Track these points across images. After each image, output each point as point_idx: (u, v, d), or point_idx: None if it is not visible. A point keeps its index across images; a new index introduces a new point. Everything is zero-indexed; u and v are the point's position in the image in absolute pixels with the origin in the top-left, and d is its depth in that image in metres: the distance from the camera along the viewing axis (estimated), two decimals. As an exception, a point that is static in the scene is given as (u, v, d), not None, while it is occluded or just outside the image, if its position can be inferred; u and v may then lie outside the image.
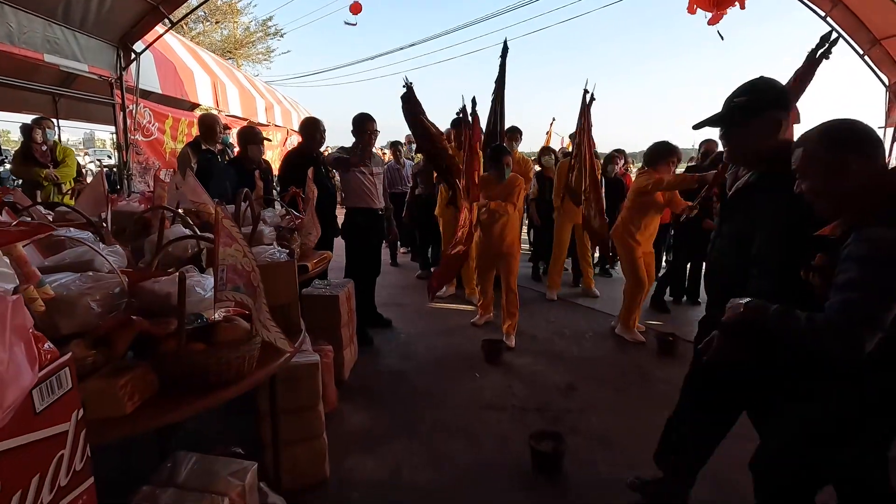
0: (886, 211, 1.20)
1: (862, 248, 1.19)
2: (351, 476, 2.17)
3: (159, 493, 1.20)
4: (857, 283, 1.18)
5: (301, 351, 2.16)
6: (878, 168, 1.25)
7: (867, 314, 1.17)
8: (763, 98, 1.52)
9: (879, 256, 1.17)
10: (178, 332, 1.19)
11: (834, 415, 1.38)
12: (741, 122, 1.54)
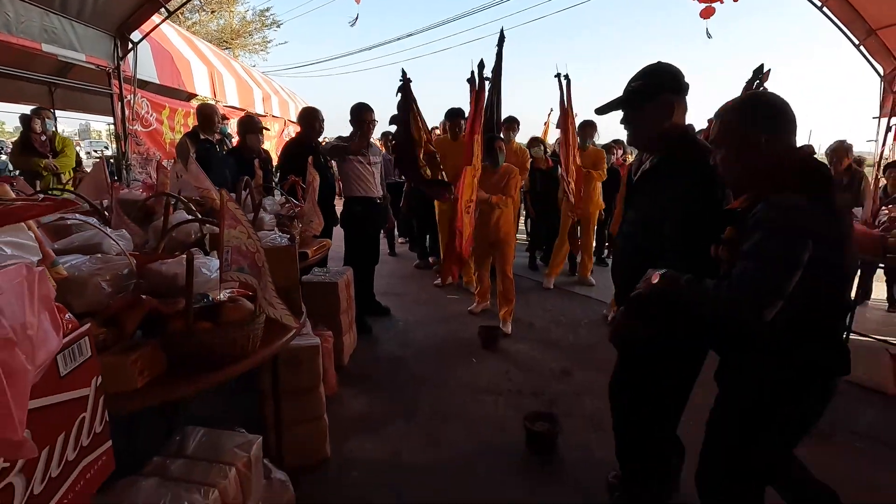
0: (794, 182, 1.22)
1: (767, 215, 1.20)
2: (351, 456, 2.23)
3: (169, 463, 1.26)
4: (761, 251, 1.19)
5: (302, 334, 2.22)
6: (789, 144, 1.28)
7: (769, 282, 1.18)
8: (657, 82, 1.55)
9: (783, 222, 1.18)
10: (186, 311, 1.24)
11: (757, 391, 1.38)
12: (637, 105, 1.57)
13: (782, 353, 1.30)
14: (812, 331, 1.28)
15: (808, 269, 1.18)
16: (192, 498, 1.14)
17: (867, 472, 2.20)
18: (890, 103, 6.02)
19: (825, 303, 1.27)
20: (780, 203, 1.19)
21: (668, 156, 1.56)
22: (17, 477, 0.66)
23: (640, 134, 1.62)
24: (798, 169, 1.24)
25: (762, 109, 1.29)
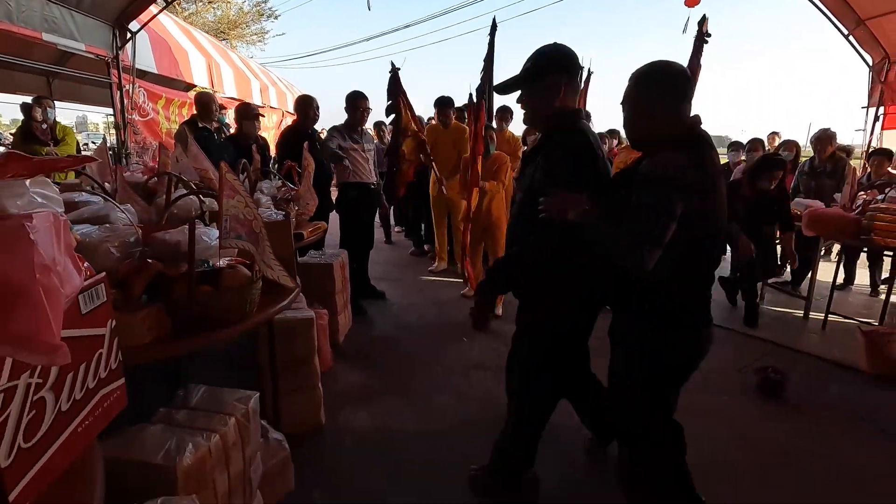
0: (677, 144, 1.34)
1: (648, 170, 1.32)
2: (345, 425, 2.36)
3: (174, 413, 1.38)
4: (641, 201, 1.31)
5: (297, 308, 2.34)
6: (680, 112, 1.39)
7: (648, 229, 1.29)
8: (545, 63, 1.62)
9: (661, 175, 1.29)
10: (189, 275, 1.36)
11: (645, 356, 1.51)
12: (528, 85, 1.65)
13: (659, 307, 1.43)
14: (684, 286, 1.41)
15: (682, 223, 1.30)
16: (196, 440, 1.26)
17: (829, 439, 2.33)
18: (878, 93, 6.12)
19: (697, 259, 1.39)
20: (661, 159, 1.31)
21: (549, 134, 1.66)
22: (48, 393, 0.78)
23: (531, 113, 1.70)
24: (684, 134, 1.37)
25: (661, 80, 1.41)
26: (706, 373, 2.91)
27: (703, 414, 2.50)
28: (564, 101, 1.62)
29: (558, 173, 1.53)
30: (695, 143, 1.36)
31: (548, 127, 1.67)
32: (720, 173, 1.40)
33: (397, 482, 1.98)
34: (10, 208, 0.71)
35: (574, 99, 1.66)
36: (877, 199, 3.19)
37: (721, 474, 2.04)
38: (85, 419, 0.87)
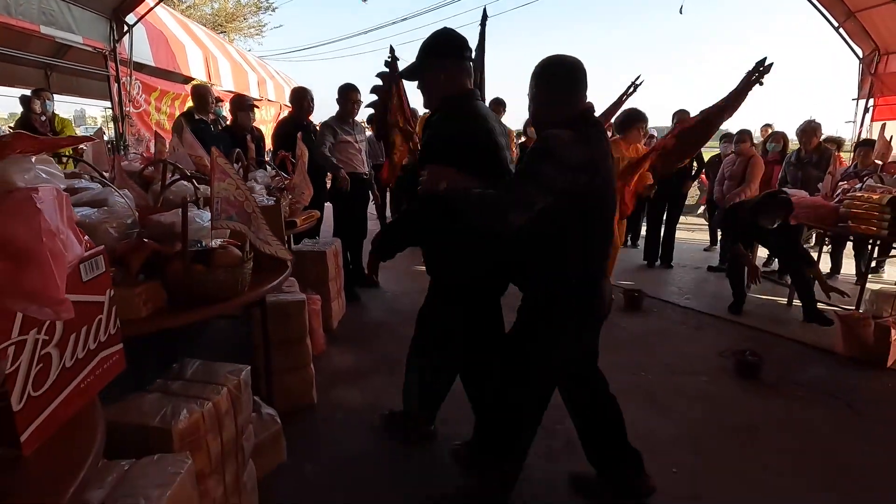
0: (567, 123, 1.45)
1: (535, 144, 1.43)
2: (336, 402, 2.46)
3: (170, 384, 1.47)
4: (521, 168, 1.42)
5: (290, 291, 2.44)
6: (573, 99, 1.50)
7: (519, 192, 1.38)
8: (426, 52, 1.75)
9: (543, 148, 1.39)
10: (183, 253, 1.45)
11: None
12: (418, 72, 1.78)
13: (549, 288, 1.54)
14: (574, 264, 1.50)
15: (571, 201, 1.40)
16: (190, 406, 1.35)
17: (798, 414, 2.44)
18: (868, 85, 6.19)
19: (587, 237, 1.48)
20: (545, 135, 1.42)
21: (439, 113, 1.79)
22: (54, 349, 0.87)
23: (425, 97, 1.83)
24: (574, 117, 1.48)
25: (555, 72, 1.53)
26: (689, 356, 3.04)
27: (682, 394, 2.61)
28: (453, 83, 1.74)
29: (433, 150, 1.70)
30: (583, 125, 1.46)
31: (438, 109, 1.81)
32: (606, 156, 1.49)
33: (386, 454, 2.08)
34: (18, 182, 0.80)
35: (466, 79, 1.75)
36: (855, 188, 3.27)
37: (693, 447, 2.15)
38: (87, 377, 0.96)
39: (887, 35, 5.76)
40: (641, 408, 2.45)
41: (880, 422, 2.38)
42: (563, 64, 1.53)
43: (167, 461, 1.14)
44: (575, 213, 1.44)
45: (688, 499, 1.84)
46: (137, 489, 1.03)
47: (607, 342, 3.20)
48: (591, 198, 1.44)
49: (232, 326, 3.15)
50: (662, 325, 3.61)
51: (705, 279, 4.82)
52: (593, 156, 1.41)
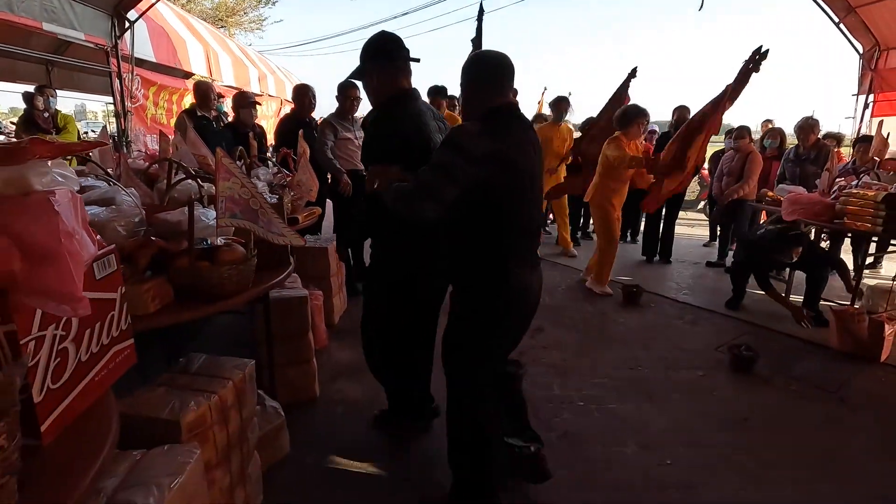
0: (482, 117, 1.53)
1: (445, 137, 1.52)
2: (338, 396, 2.51)
3: (177, 377, 1.52)
4: (431, 163, 1.47)
5: (293, 287, 2.48)
6: (494, 93, 1.55)
7: (429, 183, 1.44)
8: (362, 56, 1.86)
9: (450, 141, 1.47)
10: (189, 250, 1.49)
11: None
12: (359, 74, 1.90)
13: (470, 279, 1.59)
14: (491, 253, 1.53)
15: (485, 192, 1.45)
16: (197, 399, 1.40)
17: (789, 407, 2.49)
18: (868, 81, 6.19)
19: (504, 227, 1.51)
20: (456, 128, 1.50)
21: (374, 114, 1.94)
22: (70, 344, 0.91)
23: (370, 98, 1.94)
24: (491, 111, 1.53)
25: (479, 68, 1.60)
26: (685, 351, 3.09)
27: (678, 388, 2.66)
28: (389, 84, 1.84)
29: (370, 150, 1.90)
30: (499, 118, 1.52)
31: (375, 109, 1.94)
32: (522, 148, 1.52)
33: (387, 446, 2.13)
34: (36, 185, 0.84)
35: (401, 79, 1.86)
36: (851, 184, 3.30)
37: (687, 439, 2.20)
38: (101, 370, 1.01)
39: (887, 31, 5.76)
40: (637, 402, 2.49)
41: (871, 415, 2.42)
42: (484, 60, 1.61)
43: (177, 451, 1.18)
44: (487, 204, 1.49)
45: (681, 489, 1.89)
46: (149, 478, 1.08)
47: (605, 337, 3.29)
48: (500, 188, 1.47)
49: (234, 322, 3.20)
50: (660, 319, 3.65)
51: (703, 275, 4.85)
52: (501, 148, 1.45)
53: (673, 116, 5.07)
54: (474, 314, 1.61)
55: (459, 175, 1.42)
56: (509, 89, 1.58)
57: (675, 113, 5.01)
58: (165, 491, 1.06)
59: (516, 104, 1.61)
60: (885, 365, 2.92)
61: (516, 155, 1.49)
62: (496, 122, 1.50)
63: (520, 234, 1.56)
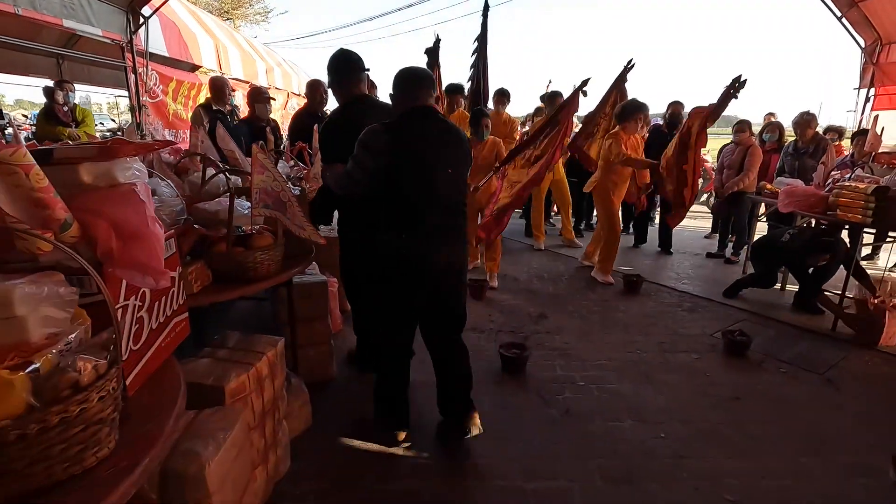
0: (389, 119, 1.90)
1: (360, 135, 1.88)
2: (352, 375, 2.68)
3: (216, 351, 1.68)
4: (351, 156, 1.90)
5: (313, 273, 2.64)
6: (408, 100, 1.91)
7: (350, 174, 1.92)
8: (328, 68, 2.36)
9: (361, 139, 1.85)
10: (227, 237, 1.65)
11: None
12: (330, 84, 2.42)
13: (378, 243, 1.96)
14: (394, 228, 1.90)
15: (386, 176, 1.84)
16: (237, 370, 1.56)
17: (778, 386, 2.65)
18: (870, 74, 6.26)
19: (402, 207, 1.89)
20: (366, 129, 1.87)
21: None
22: (145, 313, 1.07)
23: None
24: (404, 114, 1.89)
25: (397, 80, 1.96)
26: (682, 336, 3.25)
27: (674, 370, 2.82)
28: (342, 93, 2.37)
29: (321, 148, 2.42)
30: (408, 119, 1.88)
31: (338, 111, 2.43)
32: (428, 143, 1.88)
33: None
34: (120, 178, 1.00)
35: (353, 89, 2.36)
36: (845, 177, 3.42)
37: (681, 416, 2.36)
38: (166, 337, 1.17)
39: (889, 25, 5.82)
40: (635, 382, 2.65)
41: (856, 395, 2.57)
42: (401, 74, 1.97)
43: (226, 411, 1.36)
44: (390, 184, 1.86)
45: (671, 458, 2.05)
46: (206, 431, 1.25)
47: (606, 323, 3.44)
48: (399, 173, 1.84)
49: (253, 308, 3.38)
50: (659, 307, 3.80)
51: (703, 265, 4.99)
52: (398, 142, 1.83)
53: (667, 111, 5.18)
54: (375, 273, 2.02)
55: (366, 164, 1.86)
56: (425, 96, 1.93)
57: (669, 108, 5.12)
58: (221, 442, 1.23)
59: (431, 107, 1.95)
60: (875, 350, 3.06)
61: (418, 147, 1.86)
62: (404, 121, 1.88)
63: (420, 209, 1.90)
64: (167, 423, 0.94)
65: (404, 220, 1.90)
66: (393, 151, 1.81)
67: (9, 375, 0.68)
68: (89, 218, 0.89)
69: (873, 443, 2.17)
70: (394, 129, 1.85)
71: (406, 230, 1.90)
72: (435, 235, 1.93)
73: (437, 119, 1.94)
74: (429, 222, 1.91)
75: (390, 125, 1.85)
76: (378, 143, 1.81)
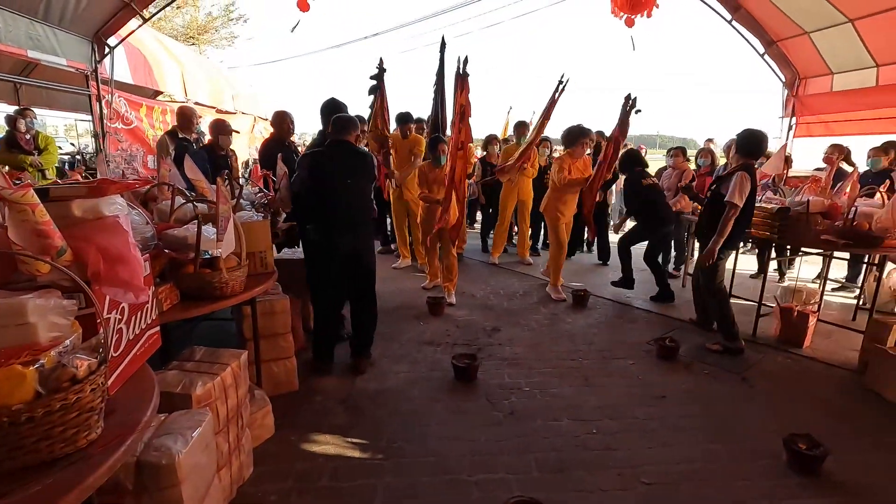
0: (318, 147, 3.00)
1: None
2: (316, 387, 2.85)
3: (184, 363, 1.85)
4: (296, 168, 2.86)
5: (275, 293, 2.82)
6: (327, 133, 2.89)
7: (295, 183, 2.89)
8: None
9: (298, 159, 2.88)
10: (195, 260, 1.84)
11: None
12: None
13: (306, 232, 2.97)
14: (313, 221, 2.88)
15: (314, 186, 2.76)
16: (204, 378, 1.73)
17: (700, 385, 2.97)
18: (791, 105, 6.94)
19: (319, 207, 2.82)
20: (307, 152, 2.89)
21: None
22: (124, 326, 1.26)
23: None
24: (326, 143, 2.86)
25: (333, 122, 2.84)
26: (621, 344, 3.55)
27: (612, 374, 3.11)
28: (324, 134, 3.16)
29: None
30: (325, 148, 2.86)
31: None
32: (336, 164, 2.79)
33: (357, 422, 2.49)
34: (106, 212, 1.20)
35: (327, 131, 2.98)
36: (758, 199, 3.86)
37: (612, 413, 2.63)
38: (141, 347, 1.36)
39: (804, 62, 6.50)
40: (575, 386, 2.92)
41: (765, 391, 2.91)
42: (335, 119, 2.85)
43: (193, 413, 1.53)
44: (313, 192, 2.78)
45: (601, 449, 2.31)
46: (175, 429, 1.42)
47: (554, 334, 3.74)
48: (314, 184, 2.77)
49: (218, 327, 3.50)
50: (603, 319, 4.12)
51: (647, 280, 5.32)
52: (317, 162, 2.78)
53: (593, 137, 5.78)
54: (306, 253, 3.07)
55: (302, 175, 2.81)
56: (345, 134, 2.84)
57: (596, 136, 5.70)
58: (189, 438, 1.41)
59: (346, 140, 2.84)
60: (788, 351, 3.44)
61: (328, 167, 2.77)
62: (326, 149, 2.84)
63: (329, 210, 2.81)
64: (144, 415, 1.13)
65: (319, 216, 2.84)
66: (312, 168, 2.77)
67: (23, 369, 0.87)
68: (81, 245, 1.09)
69: (775, 430, 2.48)
70: (316, 154, 2.85)
71: (320, 223, 2.85)
72: (340, 227, 2.83)
73: (348, 148, 2.85)
74: (335, 218, 2.82)
75: (314, 152, 2.87)
76: (304, 162, 2.83)
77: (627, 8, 5.53)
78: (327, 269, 2.87)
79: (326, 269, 2.87)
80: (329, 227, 2.80)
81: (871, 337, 3.19)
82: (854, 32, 5.22)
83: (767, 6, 5.86)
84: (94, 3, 5.03)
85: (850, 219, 3.28)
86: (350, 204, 2.84)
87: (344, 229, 2.82)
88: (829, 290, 4.65)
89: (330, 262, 2.86)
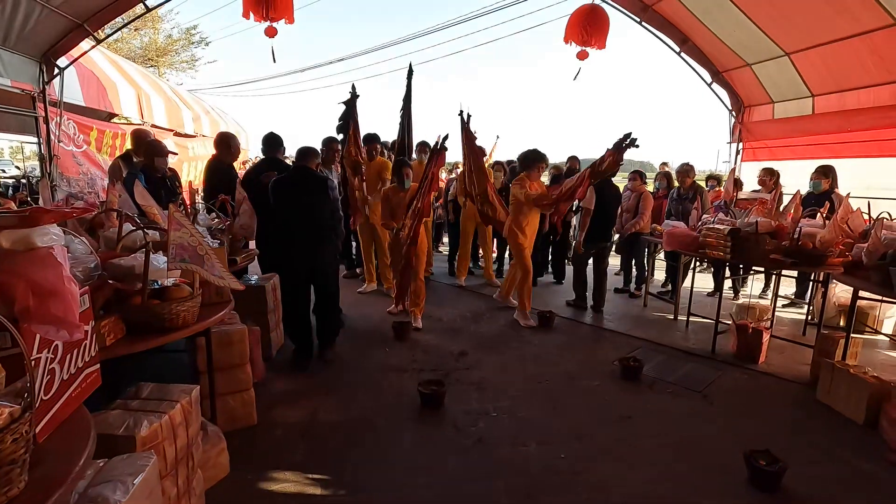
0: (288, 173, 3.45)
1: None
2: (276, 420, 2.72)
3: (129, 402, 1.73)
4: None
5: (232, 323, 2.70)
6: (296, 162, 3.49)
7: (268, 203, 3.33)
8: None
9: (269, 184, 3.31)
10: (142, 291, 1.74)
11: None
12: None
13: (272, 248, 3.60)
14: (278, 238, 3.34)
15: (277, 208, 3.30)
16: (150, 418, 1.62)
17: (662, 403, 3.02)
18: (738, 131, 7.35)
19: (282, 224, 3.29)
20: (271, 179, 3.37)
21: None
22: (57, 365, 1.16)
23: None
24: (293, 168, 3.47)
25: (297, 152, 3.42)
26: (587, 366, 3.57)
27: (578, 394, 3.12)
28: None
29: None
30: (292, 173, 3.40)
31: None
32: (297, 188, 3.30)
33: (319, 457, 2.39)
34: (39, 243, 1.12)
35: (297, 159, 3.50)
36: (710, 220, 4.03)
37: (578, 434, 2.63)
38: (77, 387, 1.26)
39: (748, 92, 6.94)
40: (542, 408, 2.91)
41: (725, 408, 2.98)
42: (298, 150, 3.42)
43: (135, 458, 1.42)
44: (277, 211, 3.27)
45: (570, 474, 2.29)
46: (114, 477, 1.31)
47: (521, 357, 3.73)
48: (278, 205, 3.28)
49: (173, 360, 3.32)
50: (569, 340, 4.15)
51: (610, 300, 5.47)
52: (280, 186, 3.28)
53: (565, 164, 5.91)
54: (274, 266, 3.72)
55: (272, 197, 3.29)
56: (307, 161, 3.37)
57: (568, 161, 5.83)
58: (130, 486, 1.30)
59: (307, 167, 3.36)
60: (745, 368, 3.55)
61: (290, 190, 3.27)
62: (289, 174, 3.39)
63: (290, 228, 3.28)
64: (76, 465, 1.03)
65: (282, 234, 3.30)
66: (276, 191, 3.28)
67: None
68: (8, 279, 1.01)
69: (736, 446, 2.53)
70: (279, 179, 3.35)
71: (280, 240, 3.32)
72: (300, 244, 3.29)
73: (309, 173, 3.34)
74: (296, 236, 3.28)
75: (278, 177, 3.36)
76: (272, 185, 3.31)
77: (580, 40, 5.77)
78: (293, 281, 3.42)
79: (292, 281, 3.43)
80: (291, 245, 3.28)
81: (820, 351, 3.33)
82: (791, 65, 5.62)
83: (713, 40, 6.24)
84: (42, 23, 4.85)
85: (795, 238, 3.46)
86: (311, 225, 3.29)
87: (305, 247, 3.30)
88: (779, 306, 4.86)
89: (295, 276, 3.42)
